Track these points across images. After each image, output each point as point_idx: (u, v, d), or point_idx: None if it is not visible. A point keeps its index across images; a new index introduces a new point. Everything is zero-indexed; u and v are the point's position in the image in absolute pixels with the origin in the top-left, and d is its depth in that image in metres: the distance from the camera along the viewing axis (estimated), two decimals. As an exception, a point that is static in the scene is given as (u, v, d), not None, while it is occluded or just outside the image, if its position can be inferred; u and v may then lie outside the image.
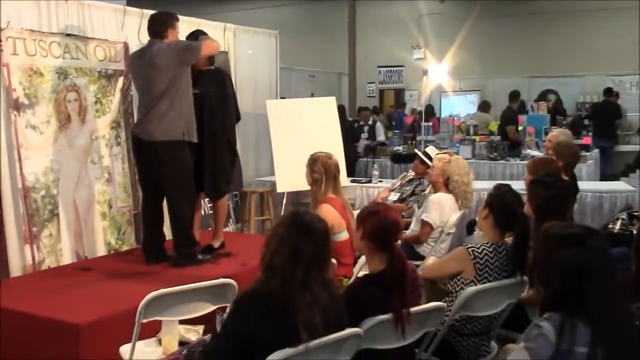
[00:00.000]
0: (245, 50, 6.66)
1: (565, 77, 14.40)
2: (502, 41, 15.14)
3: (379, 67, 16.62)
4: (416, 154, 5.84)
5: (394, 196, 5.76)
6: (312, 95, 12.55)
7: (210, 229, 4.99)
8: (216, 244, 4.75)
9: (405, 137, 10.57)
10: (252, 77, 6.87)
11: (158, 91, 4.25)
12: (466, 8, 15.41)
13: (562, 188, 3.23)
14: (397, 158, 8.99)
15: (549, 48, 14.61)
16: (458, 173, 4.73)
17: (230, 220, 6.35)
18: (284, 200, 6.34)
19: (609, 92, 11.80)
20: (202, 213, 5.28)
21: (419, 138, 10.44)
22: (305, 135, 6.25)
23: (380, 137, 10.11)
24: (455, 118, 11.81)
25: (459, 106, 15.27)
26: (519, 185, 3.85)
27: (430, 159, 5.58)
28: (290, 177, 6.19)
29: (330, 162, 4.00)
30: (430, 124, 11.03)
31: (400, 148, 10.10)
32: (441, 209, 4.67)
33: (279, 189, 6.23)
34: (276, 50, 7.24)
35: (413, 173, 5.87)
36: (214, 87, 4.72)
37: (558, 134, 5.30)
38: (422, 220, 4.69)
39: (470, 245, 2.99)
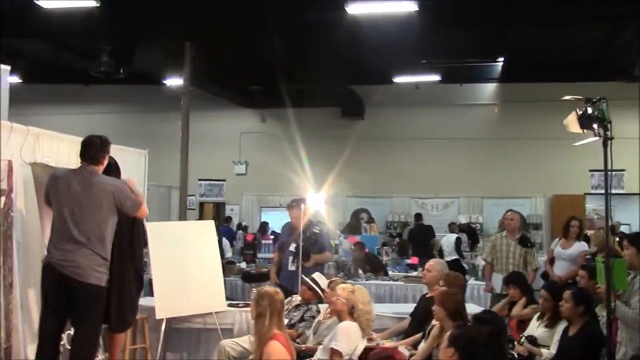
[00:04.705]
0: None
1: (376, 197, 15.80)
2: (317, 160, 16.16)
3: (200, 180, 16.78)
4: (305, 280, 6.01)
5: (281, 322, 5.82)
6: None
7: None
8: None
9: (246, 255, 10.67)
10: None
11: (95, 231, 4.14)
12: (285, 128, 16.40)
13: (501, 323, 3.64)
14: (249, 277, 9.05)
15: (358, 169, 15.96)
16: (362, 302, 4.99)
17: (100, 349, 5.89)
18: (163, 327, 6.06)
19: (419, 217, 13.25)
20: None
21: (260, 255, 10.62)
22: (186, 259, 6.16)
23: (228, 253, 10.08)
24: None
25: (279, 220, 15.84)
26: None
27: (318, 286, 5.83)
28: (171, 302, 6.00)
29: (277, 297, 4.05)
30: (270, 241, 11.30)
31: (243, 265, 10.16)
32: (349, 337, 4.86)
33: (159, 315, 5.95)
34: (145, 169, 7.13)
35: (299, 298, 6.01)
36: (122, 212, 4.58)
37: (435, 264, 5.85)
38: (331, 348, 4.82)
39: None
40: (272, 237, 11.68)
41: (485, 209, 15.37)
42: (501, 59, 13.81)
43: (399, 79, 14.51)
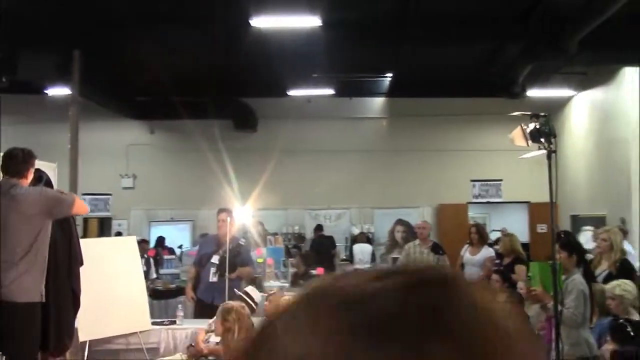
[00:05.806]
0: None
1: (271, 209, 15.75)
2: (209, 173, 15.92)
3: (84, 194, 15.91)
4: (237, 294, 5.89)
5: (215, 337, 5.67)
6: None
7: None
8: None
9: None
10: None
11: (24, 244, 3.79)
12: (175, 140, 16.05)
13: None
14: (157, 294, 8.71)
15: (252, 182, 15.88)
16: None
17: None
18: (87, 350, 5.71)
19: (320, 227, 13.45)
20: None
21: (162, 271, 10.27)
22: (107, 277, 5.85)
23: (154, 274, 9.60)
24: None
25: (170, 235, 15.44)
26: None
27: (252, 299, 5.74)
28: (94, 323, 5.67)
29: (244, 312, 3.96)
30: (174, 256, 10.94)
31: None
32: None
33: (82, 337, 5.61)
34: (55, 183, 6.70)
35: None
36: (58, 229, 4.30)
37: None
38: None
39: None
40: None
41: (375, 219, 15.83)
42: (390, 74, 14.35)
43: (293, 92, 14.64)
